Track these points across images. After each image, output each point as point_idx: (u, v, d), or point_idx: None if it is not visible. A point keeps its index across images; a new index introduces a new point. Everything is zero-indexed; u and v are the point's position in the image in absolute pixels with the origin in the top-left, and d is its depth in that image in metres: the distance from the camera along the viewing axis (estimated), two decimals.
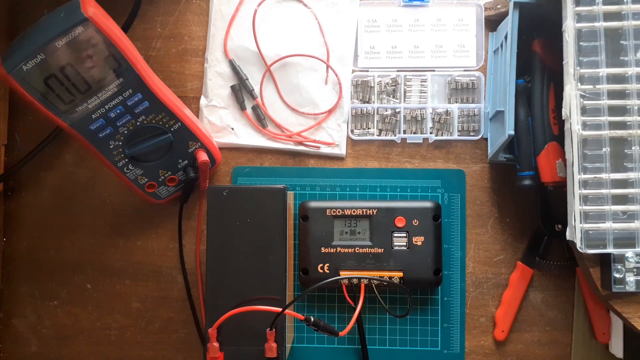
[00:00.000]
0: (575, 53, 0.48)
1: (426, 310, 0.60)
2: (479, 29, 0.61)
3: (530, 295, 0.60)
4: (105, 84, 0.51)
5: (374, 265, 0.57)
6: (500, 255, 0.60)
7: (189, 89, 0.63)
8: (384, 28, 0.62)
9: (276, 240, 0.54)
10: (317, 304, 0.60)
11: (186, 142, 0.57)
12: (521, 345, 0.60)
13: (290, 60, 0.61)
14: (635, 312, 0.51)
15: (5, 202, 0.63)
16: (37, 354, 0.62)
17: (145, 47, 0.62)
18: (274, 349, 0.52)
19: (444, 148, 0.61)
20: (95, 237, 0.62)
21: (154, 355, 0.62)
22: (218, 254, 0.54)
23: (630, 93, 0.48)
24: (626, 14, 0.48)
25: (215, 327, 0.52)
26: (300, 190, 0.61)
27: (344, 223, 0.58)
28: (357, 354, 0.60)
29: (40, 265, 0.62)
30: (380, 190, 0.61)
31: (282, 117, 0.61)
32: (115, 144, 0.55)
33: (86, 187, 0.63)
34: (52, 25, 0.48)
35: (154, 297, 0.62)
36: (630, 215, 0.48)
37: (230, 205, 0.55)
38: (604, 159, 0.48)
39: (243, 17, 0.61)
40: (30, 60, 0.48)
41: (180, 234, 0.61)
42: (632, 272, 0.50)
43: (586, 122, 0.48)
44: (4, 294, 0.63)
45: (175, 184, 0.59)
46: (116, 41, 0.49)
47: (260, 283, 0.54)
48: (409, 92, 0.61)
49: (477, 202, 0.61)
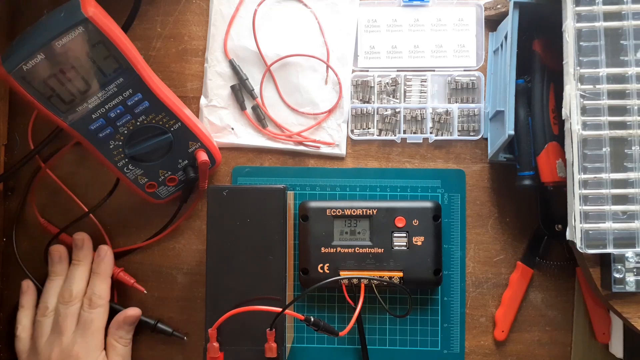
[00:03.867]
0: (575, 53, 0.48)
1: (426, 310, 0.60)
2: (479, 29, 0.61)
3: (530, 295, 0.60)
4: (105, 83, 0.51)
5: (374, 265, 0.57)
6: (500, 255, 0.60)
7: (189, 89, 0.63)
8: (384, 28, 0.62)
9: (276, 240, 0.54)
10: (317, 304, 0.60)
11: (186, 142, 0.57)
12: (521, 345, 0.60)
13: (290, 60, 0.61)
14: (635, 312, 0.51)
15: (5, 202, 0.63)
16: None
17: (145, 47, 0.62)
18: (274, 349, 0.52)
19: (444, 148, 0.61)
20: (95, 237, 0.62)
21: (154, 355, 0.62)
22: (218, 254, 0.54)
23: (630, 93, 0.48)
24: (626, 14, 0.48)
25: (215, 327, 0.52)
26: (300, 190, 0.61)
27: (344, 223, 0.58)
28: (357, 354, 0.60)
29: (40, 265, 0.62)
30: (380, 190, 0.61)
31: (282, 117, 0.61)
32: (115, 144, 0.55)
33: (86, 187, 0.63)
34: (52, 25, 0.48)
35: (154, 297, 0.62)
36: (630, 215, 0.48)
37: (230, 205, 0.55)
38: (604, 159, 0.48)
39: (243, 17, 0.61)
40: (30, 60, 0.48)
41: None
42: (632, 272, 0.50)
43: (586, 122, 0.48)
44: (4, 294, 0.63)
45: (175, 184, 0.59)
46: (116, 41, 0.49)
47: (260, 283, 0.54)
48: (409, 92, 0.61)
49: (477, 202, 0.61)
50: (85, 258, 0.59)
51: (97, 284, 0.58)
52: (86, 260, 0.59)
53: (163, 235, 0.62)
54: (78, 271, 0.58)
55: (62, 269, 0.59)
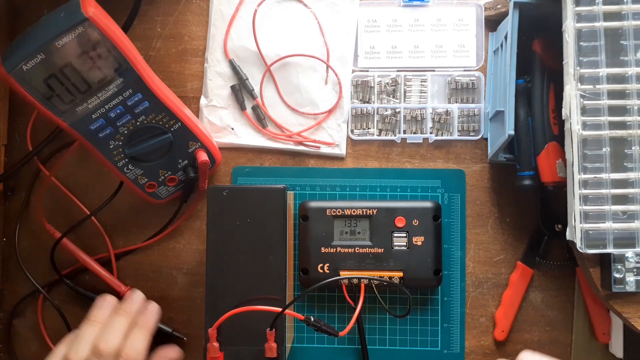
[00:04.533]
0: (575, 53, 0.48)
1: (426, 310, 0.60)
2: (479, 29, 0.61)
3: (530, 295, 0.60)
4: (105, 84, 0.51)
5: (374, 265, 0.57)
6: (500, 255, 0.60)
7: (189, 89, 0.63)
8: (384, 28, 0.62)
9: (276, 240, 0.54)
10: (317, 304, 0.60)
11: (186, 142, 0.57)
12: (521, 345, 0.60)
13: (290, 60, 0.61)
14: (635, 312, 0.51)
15: (5, 202, 0.63)
16: (37, 354, 0.62)
17: (145, 47, 0.62)
18: (274, 349, 0.52)
19: (444, 148, 0.61)
20: (95, 237, 0.62)
21: None
22: (218, 254, 0.54)
23: (630, 93, 0.48)
24: (626, 14, 0.48)
25: (215, 327, 0.52)
26: (300, 190, 0.61)
27: (344, 223, 0.58)
28: (357, 354, 0.60)
29: (40, 265, 0.62)
30: (380, 190, 0.61)
31: (282, 117, 0.61)
32: (115, 144, 0.55)
33: (86, 187, 0.63)
34: (52, 25, 0.48)
35: (154, 297, 0.62)
36: (630, 215, 0.48)
37: (230, 205, 0.55)
38: (604, 159, 0.48)
39: (243, 17, 0.61)
40: (30, 60, 0.48)
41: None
42: (632, 272, 0.50)
43: (586, 122, 0.48)
44: (4, 294, 0.63)
45: (175, 184, 0.59)
46: (116, 41, 0.49)
47: (260, 283, 0.54)
48: (409, 92, 0.61)
49: (477, 202, 0.61)
50: (132, 313, 0.55)
51: (138, 338, 0.53)
52: (133, 315, 0.55)
53: (163, 235, 0.62)
54: (121, 323, 0.53)
55: (103, 317, 0.54)
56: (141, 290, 0.61)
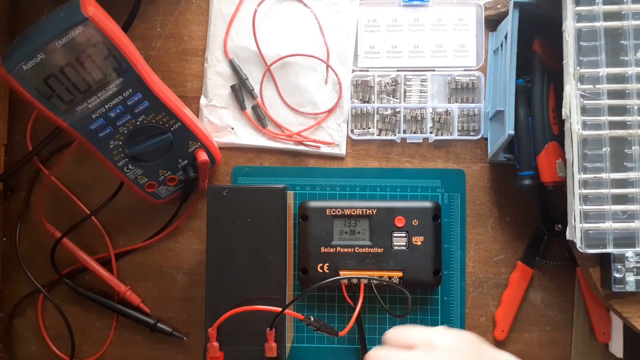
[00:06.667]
0: (575, 53, 0.48)
1: (426, 310, 0.60)
2: (479, 29, 0.61)
3: (530, 295, 0.60)
4: (105, 83, 0.51)
5: (373, 265, 0.57)
6: (500, 255, 0.60)
7: (189, 89, 0.63)
8: (384, 28, 0.62)
9: (276, 240, 0.54)
10: (317, 304, 0.60)
11: (186, 142, 0.57)
12: (521, 345, 0.60)
13: (290, 60, 0.61)
14: (635, 312, 0.51)
15: (5, 202, 0.63)
16: (37, 354, 0.62)
17: (145, 47, 0.62)
18: (274, 349, 0.52)
19: (444, 148, 0.61)
20: (95, 236, 0.62)
21: (154, 355, 0.62)
22: (218, 254, 0.54)
23: (630, 93, 0.48)
24: (626, 14, 0.48)
25: (215, 327, 0.52)
26: (300, 190, 0.61)
27: (344, 223, 0.58)
28: (357, 354, 0.60)
29: (40, 265, 0.62)
30: (380, 190, 0.61)
31: (282, 116, 0.61)
32: (115, 144, 0.55)
33: (86, 187, 0.63)
34: (52, 25, 0.48)
35: (154, 297, 0.62)
36: (630, 215, 0.48)
37: (230, 205, 0.55)
38: (604, 159, 0.48)
39: (243, 17, 0.61)
40: (30, 60, 0.48)
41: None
42: (632, 272, 0.50)
43: (586, 122, 0.48)
44: (4, 294, 0.63)
45: (175, 184, 0.59)
46: (116, 41, 0.49)
47: (260, 283, 0.54)
48: (409, 92, 0.61)
49: (477, 202, 0.61)
50: None
51: None
52: None
53: (163, 235, 0.62)
54: None
55: None
56: (141, 290, 0.61)
